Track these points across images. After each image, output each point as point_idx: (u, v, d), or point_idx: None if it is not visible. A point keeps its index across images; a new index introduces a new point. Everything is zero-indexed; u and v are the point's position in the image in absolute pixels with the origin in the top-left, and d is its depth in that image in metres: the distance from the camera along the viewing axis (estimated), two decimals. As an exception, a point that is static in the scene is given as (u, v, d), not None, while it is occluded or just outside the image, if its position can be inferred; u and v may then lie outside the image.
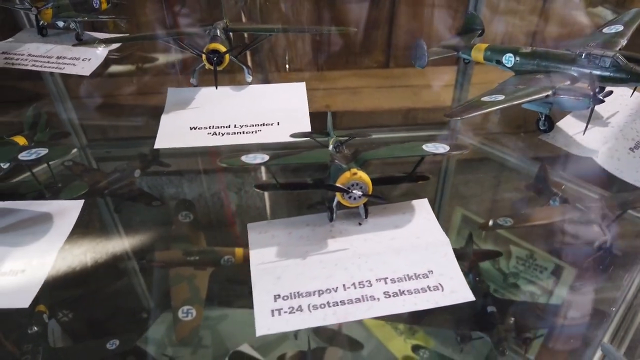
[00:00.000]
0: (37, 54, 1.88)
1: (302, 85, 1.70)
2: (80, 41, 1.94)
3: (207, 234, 1.49)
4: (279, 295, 1.03)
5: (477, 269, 1.44)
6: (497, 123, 1.70)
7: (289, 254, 1.13)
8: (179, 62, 2.09)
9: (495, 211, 1.69)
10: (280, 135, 1.46)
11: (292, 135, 1.43)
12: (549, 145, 1.46)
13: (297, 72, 2.21)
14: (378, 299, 1.02)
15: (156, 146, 1.44)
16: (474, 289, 1.34)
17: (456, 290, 1.04)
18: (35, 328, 1.56)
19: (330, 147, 1.29)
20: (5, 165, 1.23)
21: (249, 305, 1.07)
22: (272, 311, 1.00)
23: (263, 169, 1.59)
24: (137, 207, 1.66)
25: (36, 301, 1.70)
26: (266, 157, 1.13)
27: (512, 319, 1.44)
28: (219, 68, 1.57)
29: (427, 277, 1.06)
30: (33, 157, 1.08)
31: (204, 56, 1.56)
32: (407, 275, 1.07)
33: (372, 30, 2.16)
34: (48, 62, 1.85)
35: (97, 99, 2.04)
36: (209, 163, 1.92)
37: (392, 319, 1.79)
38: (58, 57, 1.86)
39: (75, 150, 1.38)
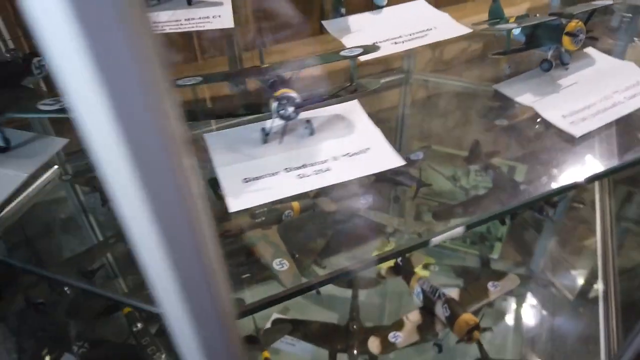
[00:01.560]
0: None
1: (422, 2, 2.02)
2: (190, 4, 2.01)
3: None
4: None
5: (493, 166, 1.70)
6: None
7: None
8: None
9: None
10: (451, 32, 1.78)
11: (474, 25, 1.76)
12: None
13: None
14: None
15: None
16: (500, 179, 1.62)
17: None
18: (139, 325, 1.73)
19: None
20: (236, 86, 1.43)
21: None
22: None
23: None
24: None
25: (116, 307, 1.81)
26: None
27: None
28: None
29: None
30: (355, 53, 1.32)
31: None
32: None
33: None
34: (181, 24, 1.91)
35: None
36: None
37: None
38: (187, 19, 1.94)
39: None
